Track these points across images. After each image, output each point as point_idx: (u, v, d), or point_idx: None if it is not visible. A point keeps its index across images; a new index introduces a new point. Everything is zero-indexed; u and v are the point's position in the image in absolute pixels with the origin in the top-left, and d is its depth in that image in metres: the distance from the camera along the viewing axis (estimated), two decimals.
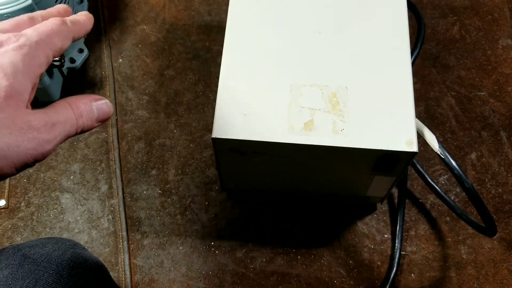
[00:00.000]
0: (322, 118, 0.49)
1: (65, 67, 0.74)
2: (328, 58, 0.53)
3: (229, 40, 0.54)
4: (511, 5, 0.80)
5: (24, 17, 0.34)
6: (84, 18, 0.36)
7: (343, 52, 0.53)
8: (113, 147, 0.70)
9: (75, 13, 0.37)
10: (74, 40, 0.35)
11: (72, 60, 0.75)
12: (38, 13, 0.35)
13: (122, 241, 0.64)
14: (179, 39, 0.78)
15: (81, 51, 0.76)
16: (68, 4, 0.70)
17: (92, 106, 0.34)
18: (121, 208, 0.66)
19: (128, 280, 0.62)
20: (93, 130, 0.71)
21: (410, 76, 0.51)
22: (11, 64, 0.29)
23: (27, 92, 0.30)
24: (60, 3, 0.68)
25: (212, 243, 0.64)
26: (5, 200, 0.67)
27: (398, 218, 0.64)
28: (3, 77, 0.28)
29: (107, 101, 0.35)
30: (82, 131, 0.33)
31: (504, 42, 0.77)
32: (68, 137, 0.32)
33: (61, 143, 0.31)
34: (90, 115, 0.33)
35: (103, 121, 0.34)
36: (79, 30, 0.35)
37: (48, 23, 0.33)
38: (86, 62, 0.76)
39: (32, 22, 0.34)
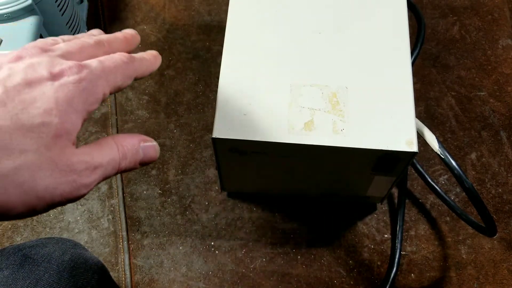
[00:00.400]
0: (322, 118, 0.49)
1: None
2: (328, 58, 0.53)
3: (229, 40, 0.54)
4: (511, 5, 0.80)
5: (90, 40, 0.32)
6: (151, 57, 0.34)
7: (343, 52, 0.53)
8: None
9: (74, 13, 0.37)
10: (136, 79, 0.33)
11: None
12: (104, 38, 0.33)
13: (122, 241, 0.64)
14: (179, 39, 0.78)
15: None
16: (68, 4, 0.70)
17: (139, 148, 0.31)
18: (121, 208, 0.66)
19: (128, 280, 0.62)
20: (93, 130, 0.71)
21: (410, 76, 0.51)
22: (66, 100, 0.27)
23: (76, 130, 0.28)
24: (59, 3, 0.68)
25: (212, 243, 0.64)
26: None
27: (398, 218, 0.64)
28: (56, 114, 0.27)
29: (156, 144, 0.33)
30: (123, 172, 0.31)
31: (504, 42, 0.77)
32: (106, 178, 0.30)
33: (97, 184, 0.29)
34: (135, 157, 0.31)
35: (146, 165, 0.32)
36: (144, 71, 0.33)
37: (115, 58, 0.31)
38: None
39: (97, 47, 0.32)
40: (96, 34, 0.35)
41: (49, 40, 0.31)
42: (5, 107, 0.26)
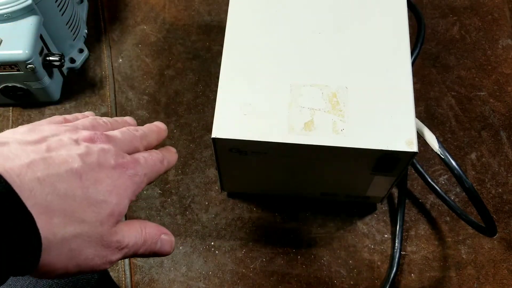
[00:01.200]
0: (322, 118, 0.49)
1: (65, 67, 0.74)
2: (328, 58, 0.53)
3: (229, 40, 0.54)
4: (511, 5, 0.80)
5: (137, 134, 0.36)
6: (174, 155, 0.39)
7: (343, 52, 0.53)
8: None
9: (74, 13, 0.37)
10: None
11: (72, 60, 0.75)
12: (146, 131, 0.38)
13: None
14: (179, 39, 0.78)
15: (81, 51, 0.76)
16: (67, 5, 0.70)
17: (158, 240, 0.34)
18: None
19: (128, 280, 0.62)
20: None
21: (410, 76, 0.51)
22: (123, 187, 0.31)
23: (124, 213, 0.31)
24: (59, 3, 0.68)
25: (212, 243, 0.64)
26: None
27: (398, 218, 0.64)
28: (115, 195, 0.30)
29: (173, 240, 0.36)
30: (135, 256, 0.34)
31: (504, 42, 0.77)
32: (124, 258, 0.33)
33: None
34: (152, 246, 0.34)
35: (157, 256, 0.35)
36: (165, 170, 0.37)
37: (155, 158, 0.35)
38: (86, 62, 0.76)
39: (140, 141, 0.36)
40: (132, 124, 0.40)
41: (99, 120, 0.36)
42: (80, 179, 0.29)
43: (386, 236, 0.64)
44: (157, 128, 0.40)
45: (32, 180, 0.26)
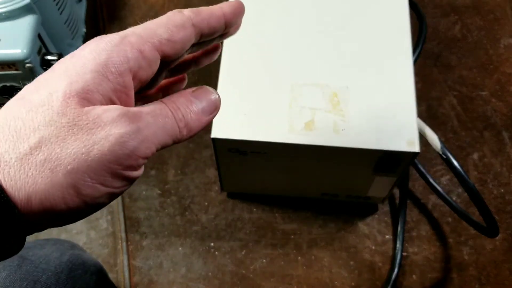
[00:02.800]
0: (322, 118, 0.49)
1: None
2: (328, 57, 0.52)
3: (228, 40, 0.53)
4: None
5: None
6: (223, 6, 0.27)
7: (344, 51, 0.52)
8: None
9: (73, 12, 0.35)
10: (212, 31, 0.27)
11: None
12: None
13: (121, 242, 0.64)
14: None
15: None
16: (66, 4, 0.69)
17: (190, 98, 0.26)
18: (120, 209, 0.66)
19: (127, 281, 0.62)
20: None
21: (412, 76, 0.51)
22: (80, 66, 0.24)
23: (98, 91, 0.23)
24: (57, 2, 0.67)
25: (212, 244, 0.64)
26: None
27: (400, 218, 0.63)
28: (65, 78, 0.23)
29: (210, 88, 0.27)
30: (190, 129, 0.26)
31: (506, 41, 0.77)
32: (171, 134, 0.24)
33: (161, 142, 0.24)
34: (192, 107, 0.26)
35: (213, 113, 0.27)
36: (204, 18, 0.26)
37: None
38: None
39: None
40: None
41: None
42: (22, 100, 0.23)
43: (387, 237, 0.64)
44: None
45: None
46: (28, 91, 0.24)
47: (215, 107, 0.27)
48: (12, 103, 0.23)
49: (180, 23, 0.26)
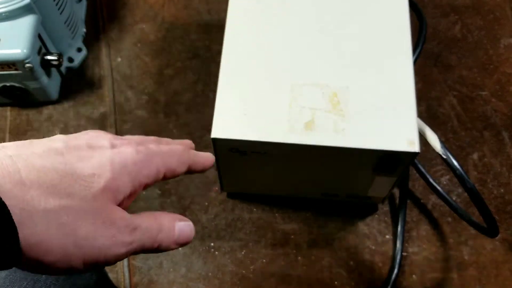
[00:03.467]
0: (322, 118, 0.49)
1: (63, 66, 0.74)
2: (328, 57, 0.52)
3: (229, 40, 0.53)
4: None
5: (150, 138, 0.34)
6: (206, 157, 0.36)
7: (344, 51, 0.52)
8: None
9: (73, 12, 0.37)
10: (188, 172, 0.34)
11: (71, 60, 0.75)
12: (163, 140, 0.35)
13: None
14: (179, 38, 0.78)
15: (79, 50, 0.76)
16: (66, 4, 0.69)
17: (174, 225, 0.31)
18: None
19: (127, 281, 0.62)
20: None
21: (412, 76, 0.51)
22: (121, 162, 0.29)
23: (124, 193, 0.29)
24: (57, 2, 0.67)
25: (212, 244, 0.64)
26: None
27: (400, 218, 0.63)
28: (109, 170, 0.28)
29: (191, 223, 0.33)
30: (159, 249, 0.31)
31: (506, 41, 0.77)
32: (143, 250, 0.29)
33: (133, 253, 0.29)
34: (171, 233, 0.31)
35: (182, 245, 0.32)
36: (196, 163, 0.34)
37: (172, 146, 0.33)
38: (84, 61, 0.76)
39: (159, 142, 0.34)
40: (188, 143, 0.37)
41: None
42: (63, 156, 0.27)
43: (387, 237, 0.64)
44: (181, 142, 0.36)
45: (2, 158, 0.25)
46: (69, 151, 0.27)
47: (186, 242, 0.32)
48: (51, 153, 0.27)
49: (185, 161, 0.33)
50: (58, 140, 0.28)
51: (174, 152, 0.32)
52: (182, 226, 0.32)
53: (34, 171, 0.25)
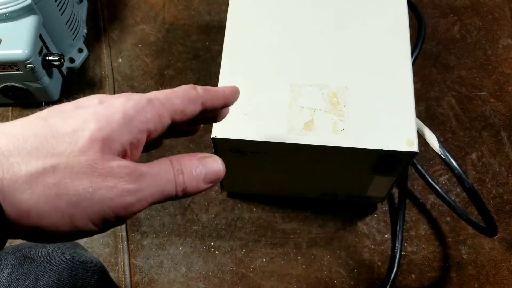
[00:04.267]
0: (322, 118, 0.49)
1: (64, 66, 0.74)
2: (328, 58, 0.52)
3: (229, 40, 0.54)
4: (511, 4, 0.80)
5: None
6: (226, 88, 0.33)
7: (343, 52, 0.53)
8: None
9: (74, 13, 0.36)
10: (211, 109, 0.31)
11: (72, 60, 0.75)
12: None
13: (121, 241, 0.64)
14: (179, 38, 0.78)
15: (80, 50, 0.76)
16: (67, 5, 0.69)
17: (197, 163, 0.28)
18: None
19: (128, 280, 0.62)
20: None
21: (411, 76, 0.51)
22: (109, 113, 0.26)
23: (119, 142, 0.26)
24: (59, 3, 0.68)
25: (212, 243, 0.64)
26: None
27: (399, 218, 0.63)
28: (93, 122, 0.25)
29: (217, 157, 0.29)
30: (186, 193, 0.28)
31: (505, 41, 0.77)
32: (167, 196, 0.27)
33: (155, 201, 0.27)
34: (194, 173, 0.28)
35: (213, 182, 0.29)
36: (213, 98, 0.31)
37: (175, 88, 0.29)
38: (85, 61, 0.76)
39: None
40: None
41: None
42: (45, 121, 0.25)
43: (386, 236, 0.64)
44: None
45: None
46: (53, 115, 0.26)
47: (216, 178, 0.29)
48: (33, 120, 0.25)
49: (193, 98, 0.30)
50: (45, 110, 0.26)
51: (175, 91, 0.29)
52: (208, 162, 0.29)
53: (13, 140, 0.24)
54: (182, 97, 0.29)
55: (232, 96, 0.33)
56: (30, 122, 0.25)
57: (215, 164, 0.29)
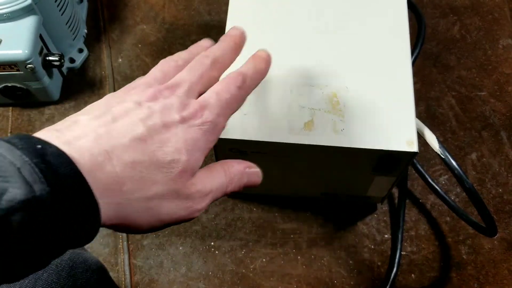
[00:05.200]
0: (322, 118, 0.49)
1: (64, 67, 0.74)
2: (328, 58, 0.52)
3: None
4: (511, 4, 0.80)
5: (207, 62, 0.36)
6: (262, 64, 0.37)
7: (343, 52, 0.53)
8: None
9: (74, 13, 0.37)
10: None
11: (72, 60, 0.75)
12: (218, 54, 0.37)
13: (121, 241, 0.64)
14: (179, 38, 0.78)
15: (80, 51, 0.76)
16: (67, 5, 0.69)
17: (244, 174, 0.35)
18: None
19: (128, 280, 0.62)
20: None
21: (411, 76, 0.51)
22: (193, 141, 0.32)
23: (198, 166, 0.32)
24: (59, 3, 0.68)
25: (212, 243, 0.64)
26: None
27: (399, 218, 0.63)
28: (184, 153, 0.31)
29: (259, 170, 0.36)
30: (225, 195, 0.34)
31: (505, 41, 0.77)
32: (215, 200, 0.34)
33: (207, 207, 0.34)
34: (240, 182, 0.35)
35: (248, 187, 0.36)
36: (255, 84, 0.36)
37: (230, 87, 0.34)
38: (85, 62, 0.76)
39: (214, 69, 0.36)
40: (207, 46, 0.39)
41: (172, 63, 0.37)
42: (145, 144, 0.30)
43: (386, 236, 0.64)
44: (234, 43, 0.39)
45: (100, 154, 0.28)
46: (147, 136, 0.30)
47: (254, 185, 0.36)
48: (136, 144, 0.30)
49: (246, 96, 0.36)
50: (138, 126, 0.30)
51: (234, 97, 0.34)
52: (251, 173, 0.36)
53: (126, 166, 0.29)
54: (238, 102, 0.35)
55: (265, 71, 0.38)
56: (135, 146, 0.30)
57: (257, 179, 0.36)
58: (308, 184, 0.60)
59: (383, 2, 0.56)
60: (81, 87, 0.75)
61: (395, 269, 0.61)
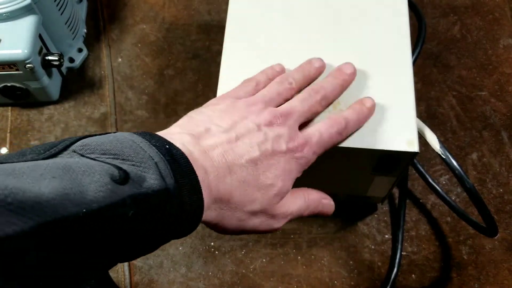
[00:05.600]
0: (322, 118, 0.49)
1: (64, 66, 0.74)
2: (328, 57, 0.52)
3: (229, 40, 0.54)
4: None
5: (317, 97, 0.42)
6: (365, 113, 0.44)
7: (343, 51, 0.53)
8: None
9: (74, 12, 0.37)
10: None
11: (71, 60, 0.75)
12: (318, 87, 0.43)
13: None
14: (179, 38, 0.78)
15: (80, 50, 0.76)
16: (67, 4, 0.69)
17: (319, 204, 0.41)
18: None
19: (128, 280, 0.62)
20: (92, 130, 0.71)
21: (411, 76, 0.51)
22: (289, 171, 0.37)
23: (288, 191, 0.38)
24: (58, 3, 0.67)
25: (212, 244, 0.64)
26: None
27: (399, 218, 0.63)
28: (281, 180, 0.37)
29: (333, 204, 0.42)
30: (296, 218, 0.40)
31: (505, 41, 0.77)
32: (287, 222, 0.39)
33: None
34: (315, 209, 0.40)
35: (320, 215, 0.42)
36: (352, 133, 0.44)
37: (332, 131, 0.40)
38: (85, 61, 0.76)
39: (319, 104, 0.43)
40: (316, 75, 0.46)
41: (287, 86, 0.42)
42: (256, 166, 0.35)
43: (386, 236, 0.64)
44: (344, 81, 0.44)
45: (224, 169, 0.34)
46: (261, 160, 0.36)
47: (325, 215, 0.43)
48: (249, 166, 0.35)
49: (341, 142, 0.45)
50: (254, 149, 0.36)
51: (332, 139, 0.40)
52: (325, 205, 0.41)
53: (238, 183, 0.34)
54: (333, 144, 0.41)
55: (369, 116, 0.45)
56: (247, 169, 0.35)
57: (328, 209, 0.42)
58: (307, 184, 0.60)
59: (384, 2, 0.55)
60: (80, 87, 0.74)
61: (395, 269, 0.61)
